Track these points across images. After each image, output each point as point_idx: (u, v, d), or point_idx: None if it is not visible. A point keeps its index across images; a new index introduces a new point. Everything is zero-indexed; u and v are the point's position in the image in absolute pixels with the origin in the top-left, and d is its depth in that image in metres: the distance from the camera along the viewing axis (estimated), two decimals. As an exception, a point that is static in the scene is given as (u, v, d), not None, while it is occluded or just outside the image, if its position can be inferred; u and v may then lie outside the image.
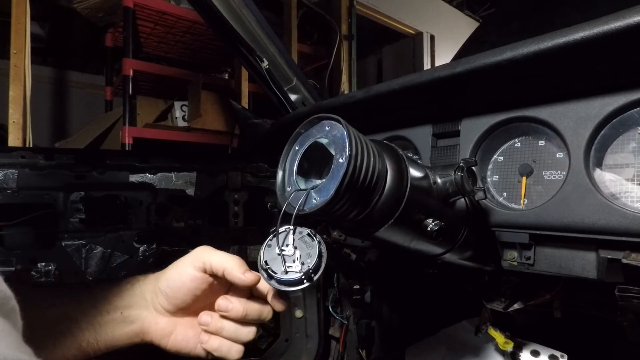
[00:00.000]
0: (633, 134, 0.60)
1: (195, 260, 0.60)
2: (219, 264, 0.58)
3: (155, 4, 2.54)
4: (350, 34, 3.21)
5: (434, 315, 1.26)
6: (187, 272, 0.60)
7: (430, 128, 0.83)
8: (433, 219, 0.57)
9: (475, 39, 1.62)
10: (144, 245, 1.24)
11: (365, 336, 1.22)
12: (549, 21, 1.24)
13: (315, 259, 0.49)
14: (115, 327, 0.59)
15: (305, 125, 0.55)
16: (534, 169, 0.70)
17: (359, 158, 0.47)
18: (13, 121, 2.01)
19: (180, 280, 0.60)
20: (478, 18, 4.71)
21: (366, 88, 0.84)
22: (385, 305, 1.25)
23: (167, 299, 0.61)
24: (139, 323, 0.61)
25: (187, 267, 0.60)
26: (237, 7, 1.04)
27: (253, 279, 0.57)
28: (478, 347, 1.05)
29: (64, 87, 3.80)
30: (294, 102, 1.21)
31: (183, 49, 3.08)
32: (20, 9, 2.03)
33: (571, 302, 0.83)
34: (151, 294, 0.62)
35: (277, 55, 1.16)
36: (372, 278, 1.20)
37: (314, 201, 0.50)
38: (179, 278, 0.60)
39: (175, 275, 0.61)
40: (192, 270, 0.60)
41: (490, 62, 0.62)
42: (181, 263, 0.62)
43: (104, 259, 1.19)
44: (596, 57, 0.55)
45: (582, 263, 0.62)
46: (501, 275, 0.85)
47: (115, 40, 3.03)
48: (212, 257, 0.59)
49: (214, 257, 0.59)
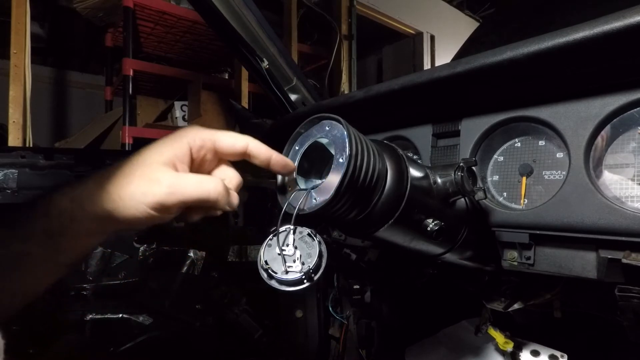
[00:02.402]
0: (633, 134, 0.60)
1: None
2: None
3: (155, 4, 2.54)
4: (350, 34, 3.21)
5: (434, 315, 1.26)
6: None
7: (430, 128, 0.83)
8: (433, 219, 0.57)
9: (475, 39, 1.62)
10: (144, 245, 1.24)
11: (365, 336, 1.22)
12: (549, 21, 1.24)
13: (316, 258, 0.49)
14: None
15: (305, 125, 0.55)
16: (534, 169, 0.70)
17: (359, 158, 0.48)
18: (13, 121, 2.01)
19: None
20: (478, 18, 4.71)
21: (366, 88, 0.84)
22: (385, 305, 1.25)
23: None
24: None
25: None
26: (237, 7, 1.04)
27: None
28: (478, 347, 1.05)
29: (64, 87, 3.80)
30: (294, 102, 1.21)
31: (183, 49, 3.08)
32: (20, 9, 2.03)
33: (571, 302, 0.83)
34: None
35: (277, 55, 1.16)
36: (372, 278, 1.20)
37: (314, 201, 0.50)
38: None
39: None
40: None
41: (490, 62, 0.62)
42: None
43: (104, 259, 1.19)
44: (596, 57, 0.55)
45: (582, 263, 0.62)
46: (501, 275, 0.85)
47: (115, 40, 3.02)
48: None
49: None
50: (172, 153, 0.47)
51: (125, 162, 0.46)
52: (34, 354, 1.04)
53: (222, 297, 1.30)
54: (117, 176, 0.45)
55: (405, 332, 1.25)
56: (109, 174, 0.46)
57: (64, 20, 3.34)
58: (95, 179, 0.46)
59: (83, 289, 1.17)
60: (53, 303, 1.10)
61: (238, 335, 1.31)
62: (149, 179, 0.44)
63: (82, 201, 0.44)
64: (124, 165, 0.46)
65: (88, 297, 1.17)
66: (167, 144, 0.48)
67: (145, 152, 0.47)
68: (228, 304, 1.30)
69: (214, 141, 0.50)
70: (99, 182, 0.45)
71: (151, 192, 0.44)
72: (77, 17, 2.88)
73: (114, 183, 0.45)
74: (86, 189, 0.45)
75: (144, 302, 1.18)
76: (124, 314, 1.13)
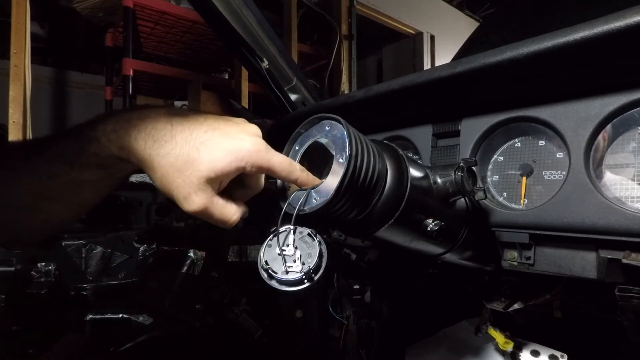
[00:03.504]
0: (633, 134, 0.60)
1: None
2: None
3: (155, 4, 2.54)
4: (350, 34, 3.21)
5: (434, 315, 1.26)
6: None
7: (430, 128, 0.83)
8: (433, 219, 0.57)
9: (475, 39, 1.62)
10: (144, 245, 1.24)
11: (365, 336, 1.22)
12: (549, 21, 1.24)
13: (316, 259, 0.49)
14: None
15: (305, 125, 0.55)
16: (534, 169, 0.70)
17: (359, 158, 0.48)
18: (13, 121, 2.01)
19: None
20: (478, 18, 4.72)
21: (366, 88, 0.84)
22: (385, 305, 1.25)
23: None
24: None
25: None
26: (237, 7, 1.04)
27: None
28: (478, 347, 1.05)
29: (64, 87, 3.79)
30: (294, 102, 1.21)
31: (183, 49, 3.08)
32: (20, 9, 2.03)
33: (571, 302, 0.83)
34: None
35: (277, 55, 1.16)
36: (372, 278, 1.20)
37: (314, 201, 0.50)
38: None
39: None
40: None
41: (490, 62, 0.62)
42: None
43: (104, 259, 1.19)
44: (596, 57, 0.55)
45: (582, 263, 0.62)
46: (501, 275, 0.85)
47: (115, 40, 3.02)
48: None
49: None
50: (223, 172, 0.47)
51: (180, 143, 0.46)
52: (34, 354, 1.04)
53: (222, 297, 1.30)
54: (164, 160, 0.46)
55: (405, 332, 1.25)
56: (159, 145, 0.46)
57: (64, 20, 3.33)
58: (145, 141, 0.46)
59: (83, 289, 1.17)
60: (53, 303, 1.10)
61: (238, 335, 1.31)
62: (186, 195, 0.47)
63: (130, 156, 0.47)
64: (177, 147, 0.46)
65: (88, 297, 1.17)
66: (224, 157, 0.46)
67: (202, 150, 0.46)
68: (228, 304, 1.30)
69: (267, 170, 0.50)
70: (148, 150, 0.46)
71: (182, 204, 0.48)
72: (77, 17, 2.88)
73: (160, 166, 0.46)
74: (136, 147, 0.46)
75: (144, 302, 1.18)
76: (124, 314, 1.13)
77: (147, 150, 0.46)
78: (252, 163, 0.48)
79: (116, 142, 0.47)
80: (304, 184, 0.52)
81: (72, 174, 0.49)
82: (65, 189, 0.50)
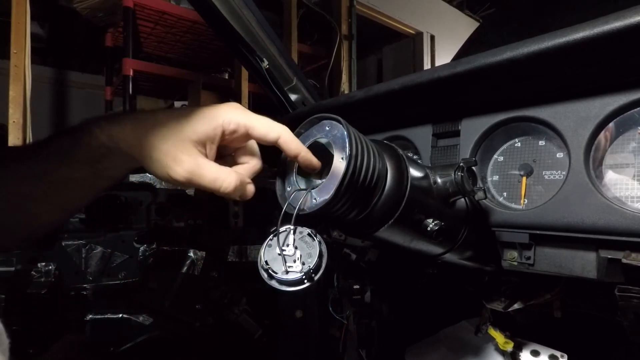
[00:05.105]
0: (633, 134, 0.60)
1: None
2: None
3: (155, 4, 2.54)
4: (350, 34, 3.20)
5: (434, 315, 1.26)
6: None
7: (430, 128, 0.83)
8: (433, 219, 0.57)
9: (475, 39, 1.62)
10: (144, 245, 1.24)
11: (365, 336, 1.22)
12: (549, 21, 1.24)
13: (316, 259, 0.49)
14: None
15: (305, 125, 0.55)
16: (534, 169, 0.70)
17: (359, 158, 0.48)
18: (13, 121, 2.01)
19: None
20: (478, 18, 4.72)
21: (366, 88, 0.84)
22: (385, 305, 1.25)
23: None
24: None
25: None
26: (237, 7, 1.04)
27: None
28: (478, 347, 1.05)
29: (64, 87, 3.80)
30: (294, 102, 1.21)
31: (183, 49, 3.08)
32: (20, 9, 2.03)
33: (571, 302, 0.83)
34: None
35: (277, 55, 1.16)
36: (372, 278, 1.20)
37: (314, 201, 0.50)
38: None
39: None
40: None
41: (490, 62, 0.62)
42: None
43: (104, 259, 1.19)
44: (596, 57, 0.55)
45: (582, 263, 0.62)
46: (501, 275, 0.85)
47: (115, 40, 3.02)
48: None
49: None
50: (205, 133, 0.50)
51: (162, 120, 0.49)
52: (34, 354, 1.04)
53: (222, 297, 1.30)
54: (150, 134, 0.49)
55: (405, 332, 1.25)
56: (144, 125, 0.49)
57: (64, 20, 3.33)
58: (132, 125, 0.49)
59: (83, 289, 1.17)
60: (53, 303, 1.10)
61: (238, 335, 1.31)
62: (174, 157, 0.48)
63: (119, 141, 0.49)
64: (160, 122, 0.49)
65: (88, 297, 1.17)
66: (203, 121, 0.50)
67: (182, 120, 0.50)
68: (228, 304, 1.30)
69: (248, 128, 0.52)
70: (135, 131, 0.49)
71: (173, 170, 0.48)
72: (77, 17, 2.88)
73: (146, 139, 0.49)
74: (123, 131, 0.49)
75: (144, 302, 1.18)
76: (124, 314, 1.13)
77: (134, 132, 0.49)
78: (229, 120, 0.51)
79: (107, 131, 0.49)
80: (286, 143, 0.52)
81: (60, 171, 0.50)
82: (50, 188, 0.51)
